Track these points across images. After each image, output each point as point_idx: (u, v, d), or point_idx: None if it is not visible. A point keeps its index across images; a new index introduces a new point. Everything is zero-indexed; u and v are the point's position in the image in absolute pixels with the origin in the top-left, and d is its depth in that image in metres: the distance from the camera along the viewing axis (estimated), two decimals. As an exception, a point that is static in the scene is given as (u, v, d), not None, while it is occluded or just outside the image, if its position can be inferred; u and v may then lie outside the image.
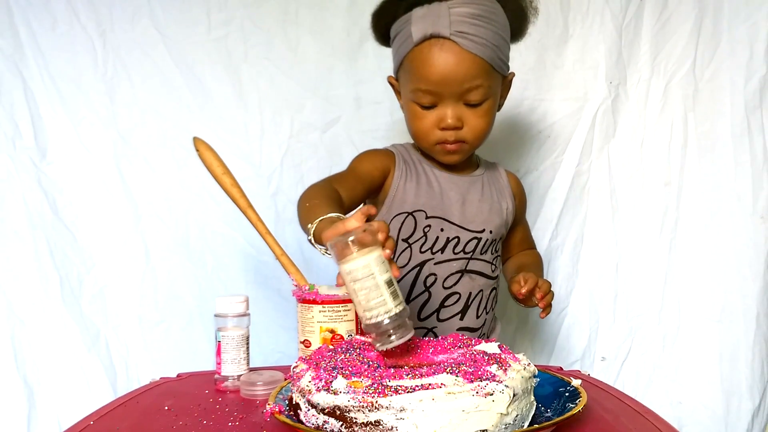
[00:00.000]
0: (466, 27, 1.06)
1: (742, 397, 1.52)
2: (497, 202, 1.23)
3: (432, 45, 1.07)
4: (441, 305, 1.17)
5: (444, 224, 1.16)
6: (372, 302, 0.78)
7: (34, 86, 1.42)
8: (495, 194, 1.23)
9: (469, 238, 1.18)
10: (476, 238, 1.18)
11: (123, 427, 0.79)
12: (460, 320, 1.18)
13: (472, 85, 1.08)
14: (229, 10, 1.49)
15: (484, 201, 1.21)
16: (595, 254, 1.60)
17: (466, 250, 1.18)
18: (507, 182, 1.27)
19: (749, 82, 1.52)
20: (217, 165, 1.08)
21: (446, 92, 1.09)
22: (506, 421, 0.67)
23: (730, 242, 1.54)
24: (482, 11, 1.07)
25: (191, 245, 1.49)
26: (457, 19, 1.06)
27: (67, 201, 1.43)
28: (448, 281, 1.17)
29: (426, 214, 1.16)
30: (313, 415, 0.70)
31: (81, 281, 1.43)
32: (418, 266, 1.16)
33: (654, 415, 0.82)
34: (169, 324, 1.47)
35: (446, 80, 1.08)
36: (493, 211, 1.21)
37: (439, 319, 1.18)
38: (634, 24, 1.56)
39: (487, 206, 1.20)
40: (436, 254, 1.16)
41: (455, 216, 1.17)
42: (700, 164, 1.56)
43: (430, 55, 1.08)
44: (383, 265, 0.79)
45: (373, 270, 0.78)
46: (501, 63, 1.12)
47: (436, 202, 1.17)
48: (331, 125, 1.53)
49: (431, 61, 1.08)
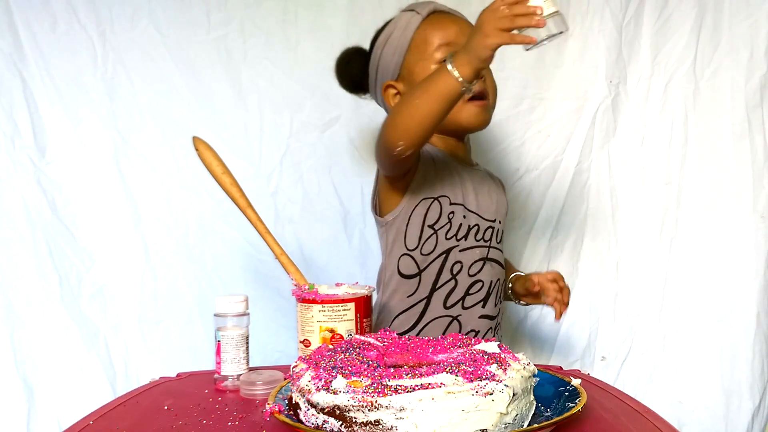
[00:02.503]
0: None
1: (742, 396, 1.52)
2: (500, 194, 1.26)
3: (438, 12, 1.19)
4: (466, 293, 1.18)
5: (465, 212, 1.18)
6: None
7: (34, 86, 1.42)
8: (495, 187, 1.27)
9: (486, 226, 1.20)
10: (491, 227, 1.21)
11: (123, 426, 0.79)
12: (482, 308, 1.19)
13: None
14: (229, 10, 1.49)
15: (492, 192, 1.24)
16: (595, 253, 1.60)
17: (486, 238, 1.20)
18: (498, 181, 1.30)
19: (750, 80, 1.52)
20: (216, 164, 1.08)
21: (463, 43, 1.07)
22: (506, 420, 0.67)
23: (730, 241, 1.54)
24: None
25: (191, 244, 1.49)
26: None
27: (66, 200, 1.43)
28: (473, 268, 1.18)
29: (450, 200, 1.17)
30: (313, 415, 0.70)
31: (80, 280, 1.43)
32: (444, 253, 1.17)
33: (654, 415, 0.82)
34: (168, 323, 1.48)
35: (462, 30, 1.15)
36: (500, 202, 1.25)
37: (463, 306, 1.18)
38: (634, 23, 1.56)
39: (495, 197, 1.24)
40: (461, 241, 1.18)
41: (473, 204, 1.19)
42: (701, 163, 1.56)
43: (441, 17, 1.19)
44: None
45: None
46: None
47: (458, 190, 1.18)
48: (330, 125, 1.53)
49: (445, 21, 1.18)
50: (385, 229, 1.20)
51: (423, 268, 1.17)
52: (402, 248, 1.18)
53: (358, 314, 0.98)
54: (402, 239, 1.18)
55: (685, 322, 1.56)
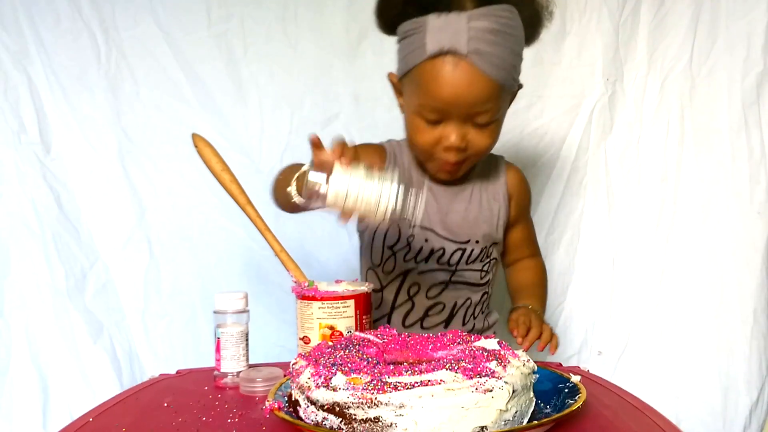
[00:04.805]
0: (485, 45, 0.99)
1: (740, 391, 1.53)
2: (487, 208, 1.17)
3: (446, 62, 1.00)
4: (425, 314, 1.17)
5: (429, 234, 1.14)
6: (374, 199, 0.80)
7: (39, 82, 1.43)
8: (486, 199, 1.18)
9: (454, 249, 1.15)
10: (461, 249, 1.15)
11: (123, 423, 0.79)
12: (445, 328, 1.17)
13: (483, 108, 1.03)
14: (229, 7, 1.50)
15: (471, 210, 1.16)
16: (591, 249, 1.60)
17: (451, 262, 1.15)
18: (504, 181, 1.20)
19: (746, 78, 1.52)
20: (216, 161, 1.07)
21: (454, 112, 1.03)
22: (505, 417, 0.68)
23: (726, 237, 1.54)
24: (502, 26, 1.00)
25: (194, 240, 1.50)
26: (476, 35, 0.98)
27: (71, 196, 1.45)
28: (432, 291, 1.16)
29: (410, 222, 1.13)
30: (313, 412, 0.70)
31: (85, 275, 1.45)
32: (401, 275, 1.16)
33: (654, 411, 0.82)
34: (172, 318, 1.49)
35: (457, 102, 1.02)
36: (482, 219, 1.16)
37: (423, 327, 1.18)
38: (631, 21, 1.56)
39: (473, 215, 1.16)
40: (420, 263, 1.15)
41: (440, 227, 1.14)
42: (697, 160, 1.56)
43: (443, 72, 1.01)
44: (352, 168, 0.81)
45: (351, 177, 0.80)
46: (513, 82, 1.07)
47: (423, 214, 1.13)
48: (330, 121, 1.53)
49: (443, 80, 1.01)
50: (359, 238, 1.21)
51: (384, 285, 1.17)
52: (369, 262, 1.19)
53: (358, 311, 0.98)
54: (369, 254, 1.18)
55: (682, 317, 1.56)
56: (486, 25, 0.99)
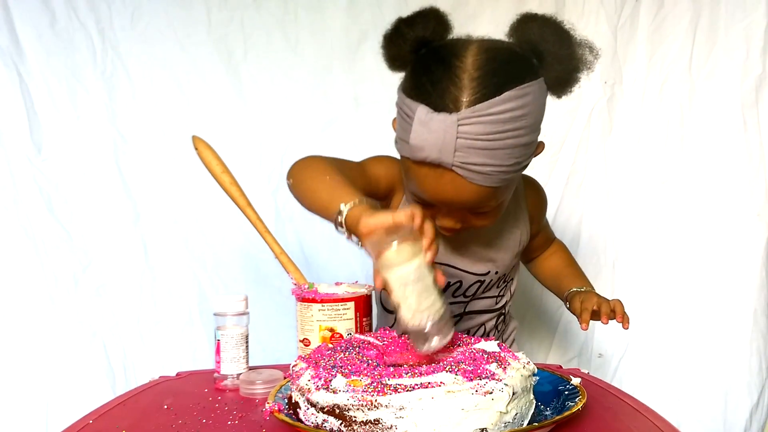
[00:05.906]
0: (474, 156, 0.86)
1: (740, 394, 1.53)
2: (508, 237, 1.11)
3: (431, 170, 0.90)
4: None
5: (446, 269, 1.07)
6: (423, 304, 0.76)
7: (30, 82, 1.42)
8: (507, 228, 1.11)
9: (473, 281, 1.10)
10: (479, 281, 1.10)
11: (122, 425, 0.79)
12: None
13: (479, 209, 0.96)
14: (229, 9, 1.49)
15: (492, 241, 1.09)
16: (591, 252, 1.60)
17: (467, 294, 1.11)
18: (524, 206, 1.13)
19: (745, 81, 1.52)
20: (216, 164, 1.07)
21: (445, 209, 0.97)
22: (506, 419, 0.68)
23: (726, 239, 1.54)
24: (504, 122, 0.86)
25: (191, 243, 1.49)
26: (465, 144, 0.85)
27: (62, 198, 1.44)
28: None
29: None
30: (313, 414, 0.70)
31: (77, 280, 1.44)
32: None
33: (654, 414, 0.82)
34: (168, 323, 1.48)
35: (446, 204, 0.95)
36: (503, 248, 1.11)
37: None
38: (630, 24, 1.56)
39: (494, 246, 1.10)
40: None
41: (458, 261, 1.08)
42: (696, 163, 1.56)
43: (428, 179, 0.91)
44: (429, 266, 0.77)
45: (424, 272, 0.75)
46: (521, 169, 0.96)
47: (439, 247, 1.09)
48: (330, 124, 1.53)
49: (429, 185, 0.92)
50: None
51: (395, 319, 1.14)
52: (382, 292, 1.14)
53: (358, 313, 0.98)
54: None
55: (682, 320, 1.56)
56: (479, 130, 0.85)
